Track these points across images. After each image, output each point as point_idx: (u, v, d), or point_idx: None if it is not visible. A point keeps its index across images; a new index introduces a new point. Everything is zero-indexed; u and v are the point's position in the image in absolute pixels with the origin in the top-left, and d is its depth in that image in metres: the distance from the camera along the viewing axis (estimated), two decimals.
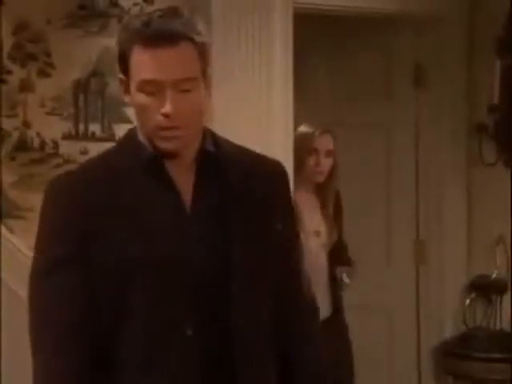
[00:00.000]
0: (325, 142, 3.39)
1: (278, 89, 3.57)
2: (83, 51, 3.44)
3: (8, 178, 3.40)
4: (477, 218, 4.08)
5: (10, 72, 3.38)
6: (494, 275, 3.96)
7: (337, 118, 4.44)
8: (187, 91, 1.56)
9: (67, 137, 3.44)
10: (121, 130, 3.46)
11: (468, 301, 4.03)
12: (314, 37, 4.27)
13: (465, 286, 4.05)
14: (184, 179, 1.62)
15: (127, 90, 1.59)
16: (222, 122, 3.17)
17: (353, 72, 4.35)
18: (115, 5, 3.47)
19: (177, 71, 1.54)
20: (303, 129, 3.45)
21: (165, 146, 1.59)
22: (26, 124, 3.40)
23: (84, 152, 3.43)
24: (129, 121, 3.43)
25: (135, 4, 3.49)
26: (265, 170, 1.72)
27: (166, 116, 1.55)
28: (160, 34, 1.53)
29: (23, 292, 3.29)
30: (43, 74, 3.39)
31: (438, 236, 4.13)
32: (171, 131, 1.57)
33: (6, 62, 3.37)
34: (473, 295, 4.02)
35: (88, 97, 3.45)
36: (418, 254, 4.19)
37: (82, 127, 3.45)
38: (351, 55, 4.32)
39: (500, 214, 3.90)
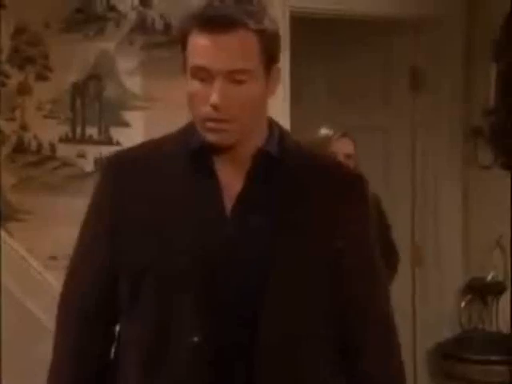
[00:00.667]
0: (343, 146, 3.25)
1: (275, 96, 3.58)
2: (81, 55, 3.45)
3: (7, 181, 3.41)
4: (473, 221, 4.09)
5: (8, 75, 3.40)
6: (489, 277, 3.97)
7: (334, 120, 4.45)
8: (241, 82, 1.44)
9: (64, 140, 3.45)
10: (118, 133, 3.48)
11: (464, 303, 4.04)
12: (312, 40, 4.28)
13: (461, 288, 4.06)
14: (234, 178, 1.51)
15: (184, 72, 1.49)
16: None
17: (350, 75, 4.36)
18: (112, 9, 3.48)
19: (230, 61, 1.43)
20: (322, 132, 3.31)
21: (210, 138, 1.47)
22: (24, 127, 3.41)
23: (81, 155, 3.44)
24: (126, 124, 3.45)
25: (132, 8, 3.50)
26: (335, 181, 1.56)
27: (213, 107, 1.44)
28: (216, 19, 1.43)
29: (21, 294, 3.33)
30: (41, 77, 3.41)
31: (434, 238, 4.15)
32: (218, 123, 1.45)
33: (5, 66, 3.39)
34: (469, 297, 4.04)
35: (85, 100, 3.46)
36: (415, 255, 4.21)
37: (79, 130, 3.47)
38: (348, 58, 4.33)
39: (496, 216, 3.92)
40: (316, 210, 1.52)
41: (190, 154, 1.51)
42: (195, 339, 1.46)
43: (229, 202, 1.50)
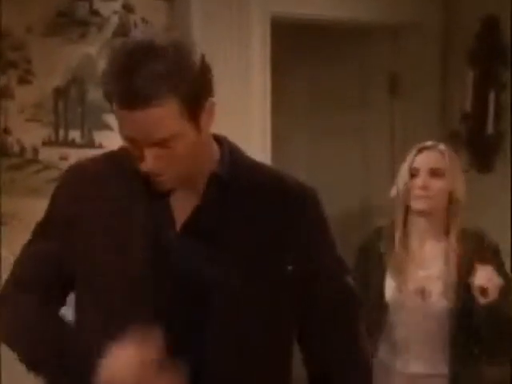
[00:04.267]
0: (427, 159, 2.67)
1: (256, 99, 3.63)
2: (63, 59, 3.46)
3: None
4: None
5: None
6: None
7: (313, 125, 4.50)
8: (168, 145, 1.44)
9: (47, 143, 3.46)
10: (101, 137, 3.50)
11: None
12: (292, 46, 4.33)
13: None
14: (186, 201, 1.52)
15: None
16: None
17: (330, 80, 4.41)
18: (94, 13, 3.50)
19: (150, 134, 1.42)
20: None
21: (155, 186, 1.51)
22: (6, 130, 3.42)
23: (64, 158, 3.45)
24: (108, 127, 3.47)
25: (115, 12, 3.52)
26: (285, 199, 1.55)
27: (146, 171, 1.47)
28: (129, 97, 1.39)
29: None
30: (23, 81, 3.41)
31: None
32: (155, 177, 1.49)
33: None
34: None
35: (68, 104, 3.48)
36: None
37: (61, 134, 3.48)
38: (328, 63, 4.38)
39: (473, 218, 3.96)
40: (263, 231, 1.52)
41: (144, 174, 1.50)
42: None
43: (179, 223, 1.52)
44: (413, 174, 2.66)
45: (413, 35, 4.14)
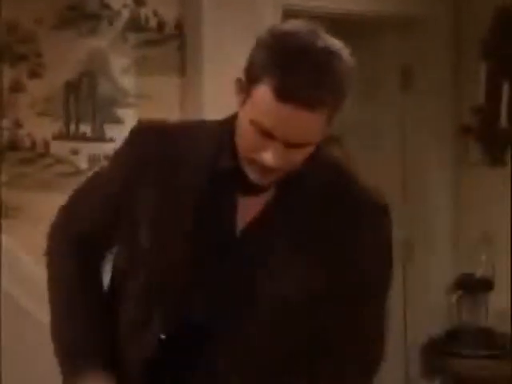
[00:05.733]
0: None
1: None
2: (74, 52, 3.46)
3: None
4: (462, 217, 4.13)
5: (0, 72, 3.40)
6: (479, 273, 4.01)
7: None
8: (301, 146, 1.39)
9: (58, 137, 3.46)
10: (111, 130, 3.49)
11: (454, 298, 4.07)
12: None
13: (451, 284, 4.10)
14: (255, 199, 1.46)
15: (242, 96, 1.40)
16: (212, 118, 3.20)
17: None
18: (105, 6, 3.50)
19: (299, 136, 1.36)
20: None
21: (252, 176, 1.42)
22: (17, 124, 3.42)
23: (75, 152, 3.45)
24: (119, 121, 3.47)
25: (125, 5, 3.51)
26: (352, 211, 1.48)
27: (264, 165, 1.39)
28: (301, 96, 1.32)
29: (13, 291, 3.32)
30: (34, 74, 3.41)
31: (424, 234, 4.18)
32: (266, 173, 1.41)
33: None
34: (459, 293, 4.07)
35: (79, 97, 3.47)
36: (405, 252, 4.23)
37: (72, 127, 3.48)
38: None
39: (485, 212, 3.95)
40: (325, 240, 1.47)
41: (219, 167, 1.45)
42: (162, 337, 1.48)
43: (242, 223, 1.46)
44: None
45: (425, 28, 4.11)
